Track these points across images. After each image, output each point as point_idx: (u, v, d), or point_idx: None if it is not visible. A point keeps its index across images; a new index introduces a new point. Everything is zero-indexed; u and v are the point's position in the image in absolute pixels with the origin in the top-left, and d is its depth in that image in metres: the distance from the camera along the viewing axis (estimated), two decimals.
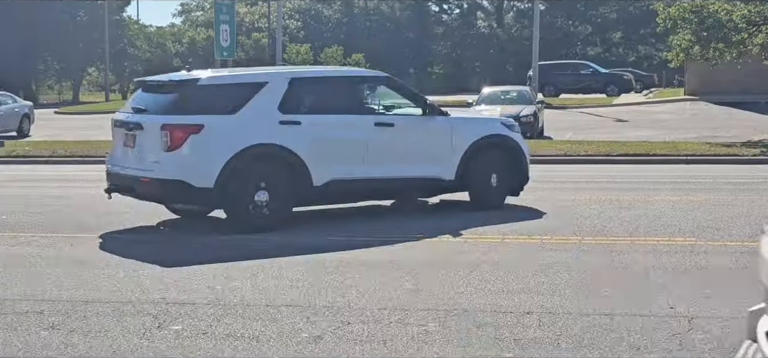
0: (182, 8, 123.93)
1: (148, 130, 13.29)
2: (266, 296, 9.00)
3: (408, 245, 11.83)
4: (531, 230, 12.83)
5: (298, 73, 14.68)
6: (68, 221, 14.47)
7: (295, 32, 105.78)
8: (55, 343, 7.48)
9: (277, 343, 7.40)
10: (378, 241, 12.11)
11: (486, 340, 7.41)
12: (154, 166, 13.11)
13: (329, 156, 13.70)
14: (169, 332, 7.76)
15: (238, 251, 11.55)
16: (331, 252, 11.31)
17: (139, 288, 9.42)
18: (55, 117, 54.45)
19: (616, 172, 22.44)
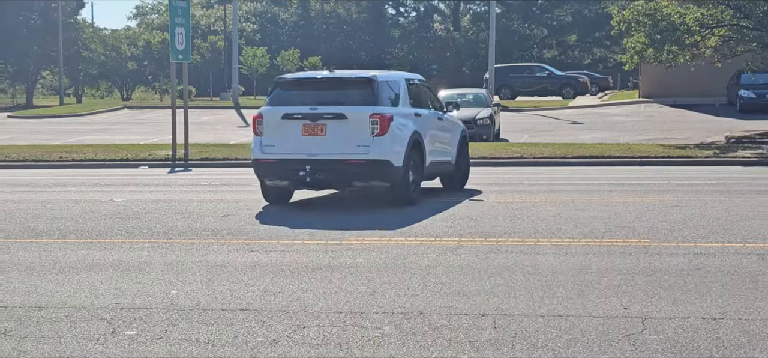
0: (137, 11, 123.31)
1: (353, 120, 15.92)
2: (222, 300, 8.97)
3: (362, 247, 11.83)
4: (487, 233, 12.87)
5: (406, 76, 18.06)
6: (20, 226, 14.32)
7: (252, 35, 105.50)
8: (7, 349, 7.41)
9: (232, 347, 7.38)
10: (333, 243, 12.10)
11: (441, 342, 7.43)
12: (365, 149, 15.80)
13: (430, 143, 17.18)
14: (123, 337, 7.71)
15: (195, 254, 11.50)
16: (288, 254, 11.30)
17: (94, 293, 9.35)
18: (8, 121, 53.92)
19: (572, 175, 22.57)
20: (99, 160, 28.64)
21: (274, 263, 10.80)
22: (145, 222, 14.47)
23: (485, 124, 33.96)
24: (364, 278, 9.89)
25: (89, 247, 12.27)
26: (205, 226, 13.95)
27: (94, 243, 12.57)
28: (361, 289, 9.35)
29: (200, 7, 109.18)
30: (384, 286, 9.47)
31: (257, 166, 16.58)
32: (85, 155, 29.17)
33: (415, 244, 12.07)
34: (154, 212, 15.67)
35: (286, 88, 17.10)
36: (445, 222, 13.95)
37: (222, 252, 11.68)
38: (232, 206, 16.39)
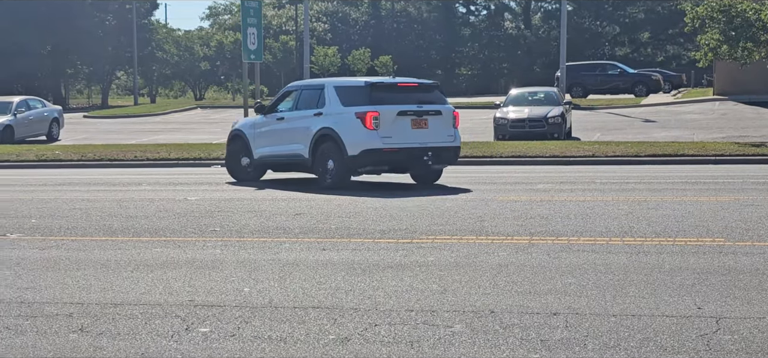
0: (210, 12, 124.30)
1: (445, 115, 20.41)
2: (294, 298, 9.03)
3: (433, 245, 11.84)
4: (558, 231, 12.81)
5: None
6: (96, 224, 14.55)
7: (323, 35, 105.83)
8: (83, 346, 7.53)
9: (304, 345, 7.43)
10: (404, 241, 12.12)
11: (513, 341, 7.41)
12: (450, 138, 20.36)
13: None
14: (196, 334, 7.80)
15: (267, 252, 11.60)
16: (359, 252, 11.35)
17: (168, 290, 9.47)
18: (85, 121, 54.77)
19: (644, 173, 22.37)
20: (172, 159, 28.99)
21: (345, 261, 10.85)
22: (218, 220, 14.62)
23: (556, 123, 33.79)
24: (435, 276, 9.90)
25: (163, 245, 12.43)
26: (277, 224, 14.06)
27: (168, 241, 12.73)
28: (432, 287, 9.36)
29: (272, 7, 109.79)
30: (455, 284, 9.47)
31: (381, 155, 19.69)
32: (159, 155, 29.54)
33: (486, 242, 12.05)
34: (227, 211, 15.83)
35: (366, 88, 20.22)
36: (516, 221, 13.91)
37: (294, 250, 11.76)
38: (303, 205, 16.49)
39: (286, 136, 21.04)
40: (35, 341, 7.67)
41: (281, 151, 21.25)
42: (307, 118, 20.63)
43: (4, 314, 8.58)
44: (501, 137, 34.07)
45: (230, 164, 22.53)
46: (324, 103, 20.42)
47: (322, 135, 20.00)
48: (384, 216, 14.73)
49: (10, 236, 13.52)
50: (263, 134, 21.73)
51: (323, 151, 20.02)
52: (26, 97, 45.67)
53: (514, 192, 18.24)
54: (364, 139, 19.43)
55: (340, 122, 19.83)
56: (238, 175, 22.15)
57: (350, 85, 21.19)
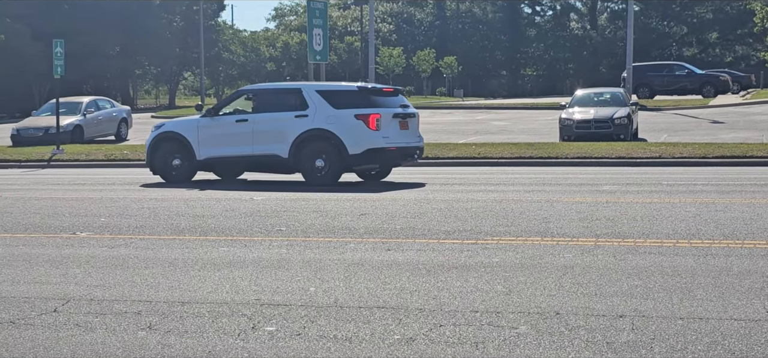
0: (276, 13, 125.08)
1: (416, 118, 22.61)
2: (359, 297, 9.07)
3: (498, 246, 11.82)
4: (624, 233, 12.72)
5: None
6: (164, 223, 14.72)
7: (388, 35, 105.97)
8: (152, 343, 7.62)
9: (369, 344, 7.46)
10: (469, 242, 12.12)
11: (578, 343, 7.38)
12: (421, 139, 22.77)
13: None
14: (263, 333, 7.86)
15: (332, 252, 11.65)
16: (424, 253, 11.37)
17: (234, 289, 9.56)
18: (152, 121, 55.34)
19: (712, 175, 22.12)
20: None
21: (410, 262, 10.87)
22: (284, 220, 14.72)
23: (623, 124, 33.53)
24: (499, 277, 9.89)
25: (230, 244, 12.54)
26: (342, 224, 14.13)
27: (235, 240, 12.84)
28: (497, 288, 9.35)
29: (337, 8, 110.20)
30: (520, 285, 9.45)
31: (384, 153, 21.35)
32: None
33: (551, 244, 12.01)
34: (292, 210, 15.93)
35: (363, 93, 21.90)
36: (582, 222, 13.83)
37: (359, 250, 11.80)
38: (368, 205, 16.54)
39: (256, 137, 21.86)
40: (105, 338, 7.78)
41: (247, 152, 22.02)
42: (284, 120, 21.65)
43: (74, 311, 8.72)
44: (566, 138, 33.90)
45: (159, 165, 22.81)
46: (306, 106, 21.61)
47: (310, 136, 21.31)
48: (449, 217, 14.73)
49: (80, 234, 13.73)
50: (216, 136, 22.31)
51: (310, 151, 21.34)
52: (95, 97, 46.36)
53: (579, 193, 18.14)
54: (367, 139, 21.11)
55: (336, 124, 21.22)
56: (167, 175, 22.67)
57: (340, 89, 22.47)
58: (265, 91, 23.41)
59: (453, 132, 41.26)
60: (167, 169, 22.67)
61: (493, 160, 27.86)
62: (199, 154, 22.39)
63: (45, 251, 12.26)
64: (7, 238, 13.54)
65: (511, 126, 44.36)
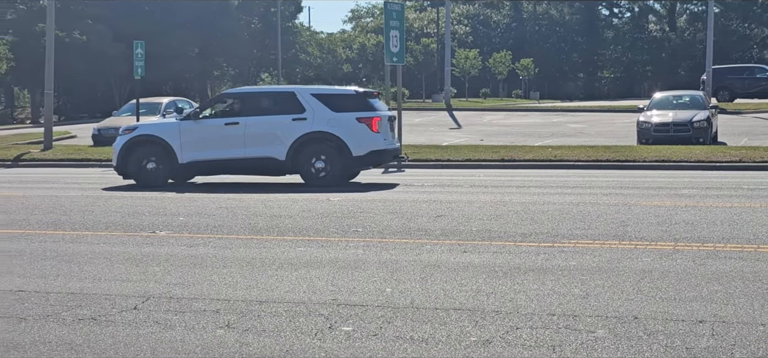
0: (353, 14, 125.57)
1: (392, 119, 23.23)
2: (435, 299, 9.07)
3: (575, 249, 11.74)
4: (704, 237, 12.56)
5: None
6: (242, 223, 14.86)
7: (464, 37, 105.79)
8: (230, 341, 7.70)
9: (445, 346, 7.46)
10: (546, 245, 12.05)
11: (657, 348, 7.30)
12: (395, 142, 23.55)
13: None
14: (340, 333, 7.90)
15: (408, 253, 11.66)
16: (500, 255, 11.33)
17: (311, 289, 9.61)
18: None
19: None
20: None
21: (486, 264, 10.85)
22: (360, 221, 14.77)
23: (702, 127, 33.12)
24: (577, 280, 9.82)
25: (306, 244, 12.61)
26: (418, 226, 14.14)
27: (312, 241, 12.91)
28: (574, 292, 9.29)
29: (413, 10, 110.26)
30: (597, 289, 9.38)
31: (384, 154, 22.63)
32: None
33: (629, 248, 11.90)
34: (369, 212, 15.98)
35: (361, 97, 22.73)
36: (660, 226, 13.69)
37: (435, 252, 11.80)
38: (444, 207, 16.53)
39: (248, 140, 22.09)
40: (183, 336, 7.87)
41: (239, 155, 22.17)
42: (281, 123, 22.06)
43: (154, 308, 8.84)
44: (644, 141, 33.55)
45: (132, 168, 22.67)
46: (302, 109, 22.04)
47: (309, 139, 21.82)
48: (525, 219, 14.67)
49: (160, 232, 13.92)
50: (201, 140, 22.38)
51: (310, 154, 21.85)
52: (175, 98, 46.87)
53: (657, 197, 17.95)
54: (370, 141, 22.03)
55: (338, 126, 21.86)
56: (141, 179, 22.59)
57: (338, 93, 23.21)
58: (252, 94, 23.86)
59: (529, 135, 41.06)
60: (142, 173, 22.54)
61: (569, 163, 27.67)
62: (181, 157, 22.36)
63: (125, 249, 12.45)
64: (89, 236, 13.76)
65: (587, 129, 44.01)
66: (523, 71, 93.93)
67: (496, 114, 59.78)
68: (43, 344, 7.62)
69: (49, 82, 37.65)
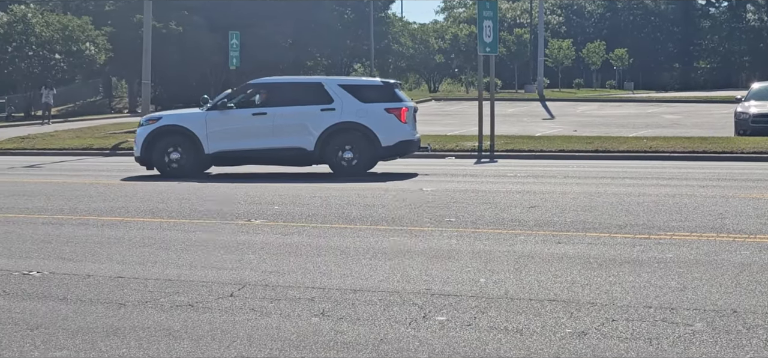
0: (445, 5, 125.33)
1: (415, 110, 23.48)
2: (529, 290, 9.03)
3: (672, 241, 11.58)
4: None
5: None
6: (335, 212, 14.94)
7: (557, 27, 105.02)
8: (325, 329, 7.75)
9: (540, 337, 7.42)
10: (641, 237, 11.92)
11: (757, 342, 7.18)
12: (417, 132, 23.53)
13: None
14: (434, 322, 7.90)
15: (502, 244, 11.63)
16: (595, 247, 11.23)
17: (405, 278, 9.63)
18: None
19: None
20: None
21: (581, 255, 10.76)
22: (453, 211, 14.76)
23: None
24: (673, 273, 9.69)
25: (400, 234, 12.64)
26: (512, 216, 14.08)
27: (405, 230, 12.94)
28: (670, 284, 9.17)
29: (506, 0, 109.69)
30: (695, 282, 9.24)
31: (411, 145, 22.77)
32: None
33: (727, 240, 11.70)
34: (462, 202, 15.96)
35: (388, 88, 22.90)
36: (759, 219, 13.44)
37: (529, 242, 11.75)
38: (538, 198, 16.44)
39: (277, 130, 22.31)
40: (279, 323, 7.95)
41: (267, 145, 22.37)
42: (309, 113, 22.33)
43: (249, 296, 8.94)
44: (742, 133, 32.96)
45: (156, 158, 22.70)
46: (330, 99, 22.37)
47: (338, 129, 22.13)
48: (620, 210, 14.52)
49: (255, 221, 14.07)
50: (228, 130, 22.53)
51: (338, 144, 22.17)
52: None
53: (756, 189, 17.63)
54: (399, 131, 22.36)
55: (367, 117, 22.18)
56: (164, 170, 22.65)
57: (365, 84, 23.50)
58: (279, 85, 23.98)
59: (623, 125, 40.62)
60: (165, 164, 22.65)
61: (664, 155, 27.31)
62: (208, 147, 22.50)
63: (221, 237, 12.61)
64: (185, 224, 13.96)
65: (683, 120, 43.40)
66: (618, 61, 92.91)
67: (589, 105, 59.24)
68: (142, 330, 7.75)
69: (146, 73, 38.27)
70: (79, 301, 8.82)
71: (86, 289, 9.34)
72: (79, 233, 13.16)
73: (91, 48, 71.74)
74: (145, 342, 7.40)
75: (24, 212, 15.75)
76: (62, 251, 11.68)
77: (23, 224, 14.14)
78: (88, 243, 12.26)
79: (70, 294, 9.11)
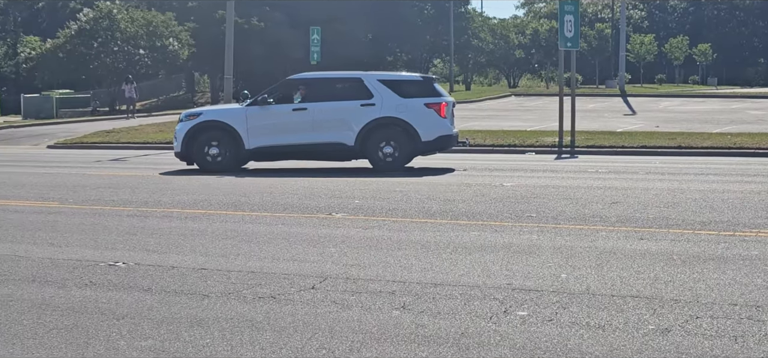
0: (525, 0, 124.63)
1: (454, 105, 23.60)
2: (611, 286, 8.96)
3: (757, 239, 11.41)
4: None
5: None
6: (416, 206, 14.96)
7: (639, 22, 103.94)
8: (405, 322, 7.76)
9: (622, 333, 7.36)
10: (726, 234, 11.75)
11: None
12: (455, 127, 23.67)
13: None
14: (514, 317, 7.88)
15: (583, 239, 11.55)
16: (678, 243, 11.10)
17: (486, 273, 9.62)
18: None
19: None
20: (487, 145, 29.35)
21: (663, 252, 10.65)
22: (534, 206, 14.69)
23: None
24: (759, 271, 9.54)
25: (480, 229, 12.62)
26: (593, 212, 13.97)
27: (485, 225, 12.91)
28: (756, 282, 9.03)
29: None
30: None
31: (451, 139, 22.85)
32: (474, 141, 29.93)
33: None
34: (542, 197, 15.88)
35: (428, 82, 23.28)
36: None
37: (610, 239, 11.65)
38: (619, 194, 16.29)
39: (317, 126, 22.48)
40: (360, 316, 7.98)
41: (307, 140, 22.57)
42: (349, 109, 22.47)
43: (331, 288, 8.99)
44: None
45: (196, 153, 22.83)
46: (370, 95, 22.48)
47: (378, 124, 22.28)
48: (704, 207, 14.33)
49: (336, 215, 14.14)
50: (268, 126, 22.67)
51: (378, 139, 22.34)
52: None
53: None
54: (438, 126, 22.45)
55: (407, 112, 22.33)
56: (204, 164, 22.72)
57: (405, 79, 23.54)
58: (319, 80, 23.87)
59: (706, 121, 40.06)
60: (206, 159, 22.81)
61: (750, 151, 26.88)
62: (248, 143, 22.71)
63: (303, 230, 12.70)
64: (267, 217, 14.09)
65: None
66: (701, 57, 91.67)
67: (671, 100, 58.53)
68: (225, 321, 7.84)
69: (228, 68, 38.64)
70: (163, 292, 8.95)
71: (170, 280, 9.48)
72: (163, 225, 13.35)
73: (174, 43, 72.66)
74: (228, 333, 7.48)
75: (110, 204, 16.02)
76: (147, 242, 11.87)
77: (109, 216, 14.39)
78: (171, 235, 12.44)
79: (154, 285, 9.25)
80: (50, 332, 7.57)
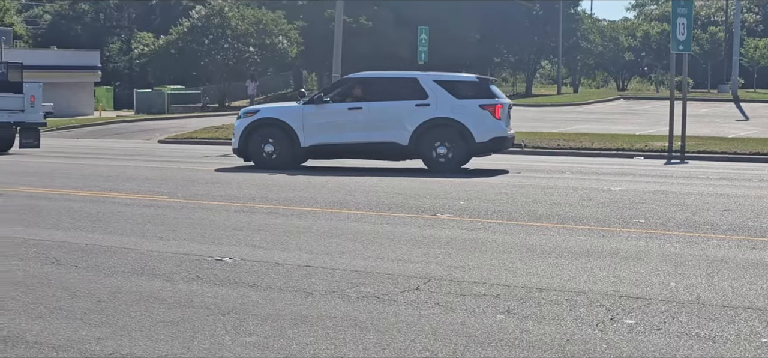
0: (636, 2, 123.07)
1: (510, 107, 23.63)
2: (722, 296, 8.74)
3: None
4: None
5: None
6: (521, 209, 14.83)
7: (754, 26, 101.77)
8: (510, 327, 7.67)
9: (734, 345, 7.16)
10: None
11: None
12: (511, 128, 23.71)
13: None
14: (622, 325, 7.73)
15: (693, 247, 11.31)
16: None
17: (592, 279, 9.47)
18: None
19: None
20: (595, 149, 29.03)
21: None
22: (642, 212, 14.45)
23: None
24: None
25: (587, 233, 12.44)
26: (704, 219, 13.69)
27: (592, 230, 12.73)
28: None
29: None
30: None
31: (505, 141, 23.06)
32: (581, 144, 29.67)
33: None
34: (651, 203, 15.61)
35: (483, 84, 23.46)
36: None
37: (722, 247, 11.38)
38: (731, 201, 15.94)
39: (371, 125, 22.49)
40: (464, 318, 7.91)
41: (361, 139, 22.62)
42: (404, 109, 22.46)
43: (435, 290, 8.94)
44: None
45: (253, 150, 22.97)
46: (425, 95, 22.51)
47: (433, 125, 22.29)
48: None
49: (441, 215, 14.09)
50: (324, 124, 22.72)
51: (432, 139, 22.37)
52: None
53: None
54: (493, 127, 22.44)
55: (462, 113, 22.29)
56: (260, 161, 22.80)
57: (461, 80, 23.76)
58: (375, 79, 23.90)
59: None
60: (262, 156, 22.93)
61: None
62: (304, 141, 22.77)
63: (407, 230, 12.66)
64: (372, 216, 14.10)
65: None
66: None
67: None
68: (328, 319, 7.84)
69: (336, 66, 38.91)
70: (268, 288, 9.00)
71: (275, 276, 9.52)
72: (269, 222, 13.45)
73: (283, 41, 73.40)
74: (332, 331, 7.47)
75: (217, 199, 16.21)
76: (253, 238, 11.96)
77: (216, 211, 14.55)
78: (277, 232, 12.52)
79: (259, 281, 9.30)
80: (157, 325, 7.66)
